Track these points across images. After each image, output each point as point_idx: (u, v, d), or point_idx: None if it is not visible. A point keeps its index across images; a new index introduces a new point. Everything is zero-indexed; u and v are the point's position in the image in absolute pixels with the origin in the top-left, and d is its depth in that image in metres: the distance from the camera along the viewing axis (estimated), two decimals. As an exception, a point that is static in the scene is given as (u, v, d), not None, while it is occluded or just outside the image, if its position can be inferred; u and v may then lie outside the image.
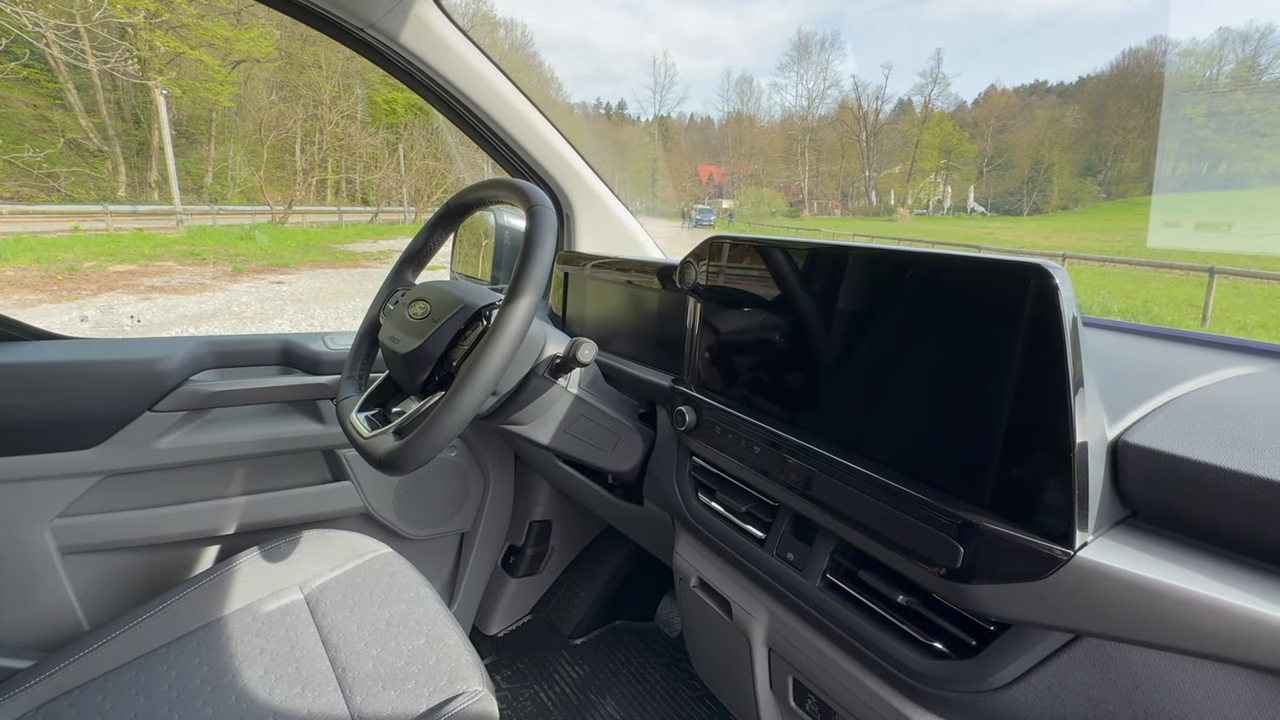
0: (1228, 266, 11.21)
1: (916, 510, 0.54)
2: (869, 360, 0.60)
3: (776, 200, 52.90)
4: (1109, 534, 0.47)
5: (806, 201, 55.14)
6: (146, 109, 20.58)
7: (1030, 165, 53.22)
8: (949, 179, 55.25)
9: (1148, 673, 0.45)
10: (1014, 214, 50.96)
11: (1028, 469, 0.47)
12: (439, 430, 0.68)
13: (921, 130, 57.23)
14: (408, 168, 26.90)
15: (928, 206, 54.21)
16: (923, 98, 59.89)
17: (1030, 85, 65.36)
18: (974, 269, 0.51)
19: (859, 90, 59.59)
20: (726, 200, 53.00)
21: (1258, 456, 0.44)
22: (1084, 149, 53.95)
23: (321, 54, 23.51)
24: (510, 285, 0.70)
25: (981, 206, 52.90)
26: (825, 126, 59.71)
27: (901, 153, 57.34)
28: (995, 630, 0.53)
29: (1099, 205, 50.13)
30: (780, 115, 64.01)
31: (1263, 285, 12.40)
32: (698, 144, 67.18)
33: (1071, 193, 52.30)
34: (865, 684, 0.62)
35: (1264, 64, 50.76)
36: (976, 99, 62.57)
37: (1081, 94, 58.87)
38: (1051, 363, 0.45)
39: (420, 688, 0.80)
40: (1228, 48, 53.33)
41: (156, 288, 9.75)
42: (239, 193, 22.68)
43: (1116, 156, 52.83)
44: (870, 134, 57.59)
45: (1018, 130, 56.66)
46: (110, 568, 1.12)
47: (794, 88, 62.71)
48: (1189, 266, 13.78)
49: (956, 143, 56.66)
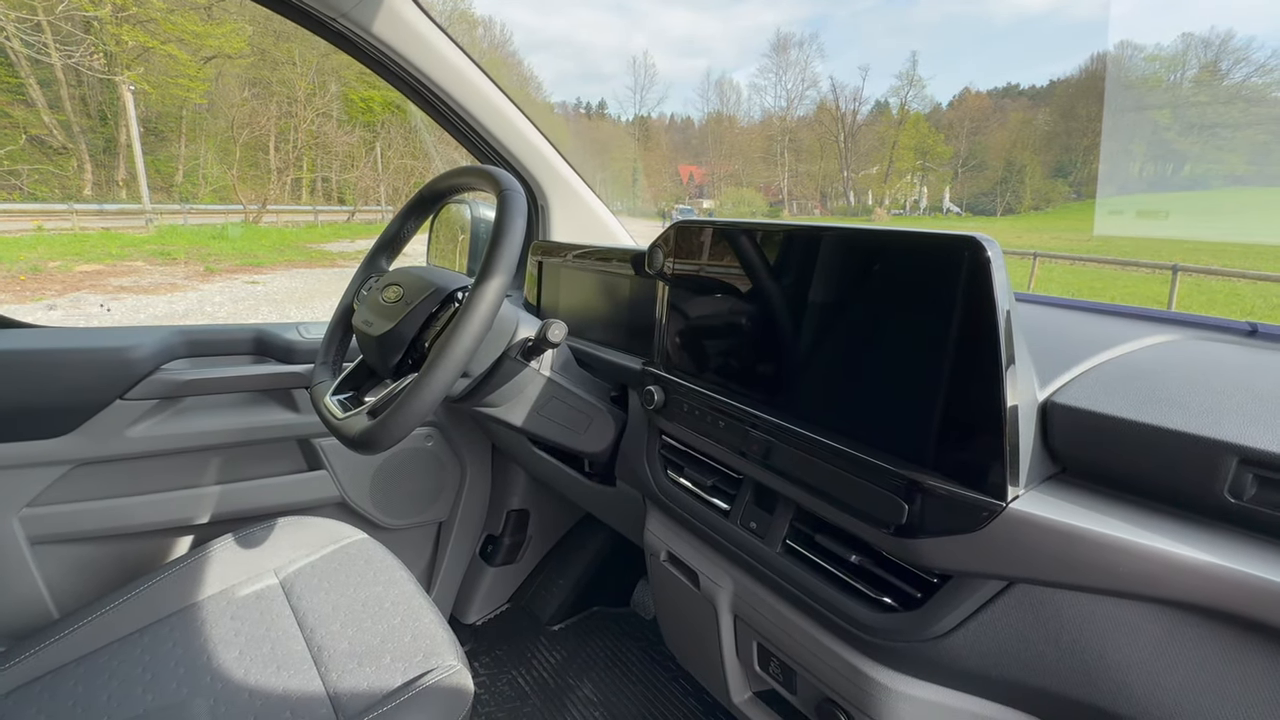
0: (1190, 265, 11.64)
1: (866, 473, 0.57)
2: (823, 334, 0.63)
3: (757, 200, 53.28)
4: (1039, 488, 0.51)
5: (786, 201, 55.62)
6: (114, 105, 20.04)
7: (1003, 166, 54.34)
8: (925, 179, 56.15)
9: (1072, 613, 0.49)
10: (988, 214, 51.95)
11: (965, 430, 0.51)
12: (411, 408, 0.70)
13: (898, 131, 58.05)
14: (385, 166, 26.58)
15: (905, 207, 55.02)
16: (899, 99, 60.79)
17: (1003, 88, 66.67)
18: (913, 243, 0.55)
19: (836, 91, 60.28)
20: (707, 200, 53.25)
21: (1171, 411, 0.48)
22: (1055, 150, 55.21)
23: (296, 50, 23.10)
24: (480, 267, 0.72)
25: (957, 207, 53.84)
26: (804, 127, 60.28)
27: (879, 153, 58.11)
28: (937, 583, 0.56)
29: (1069, 205, 51.32)
30: (760, 116, 64.50)
31: (1224, 283, 12.90)
32: (678, 144, 67.38)
33: (1043, 193, 53.48)
34: (822, 642, 0.65)
35: (1225, 69, 52.44)
36: (951, 101, 63.72)
37: (1052, 97, 60.25)
38: (985, 329, 0.49)
39: (395, 663, 0.82)
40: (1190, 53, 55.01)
41: (125, 288, 9.52)
42: (211, 191, 22.21)
43: (1086, 158, 54.16)
44: (848, 135, 58.27)
45: (991, 132, 57.77)
46: (81, 558, 1.11)
47: (773, 89, 63.22)
48: (1155, 265, 14.29)
49: (932, 144, 57.58)
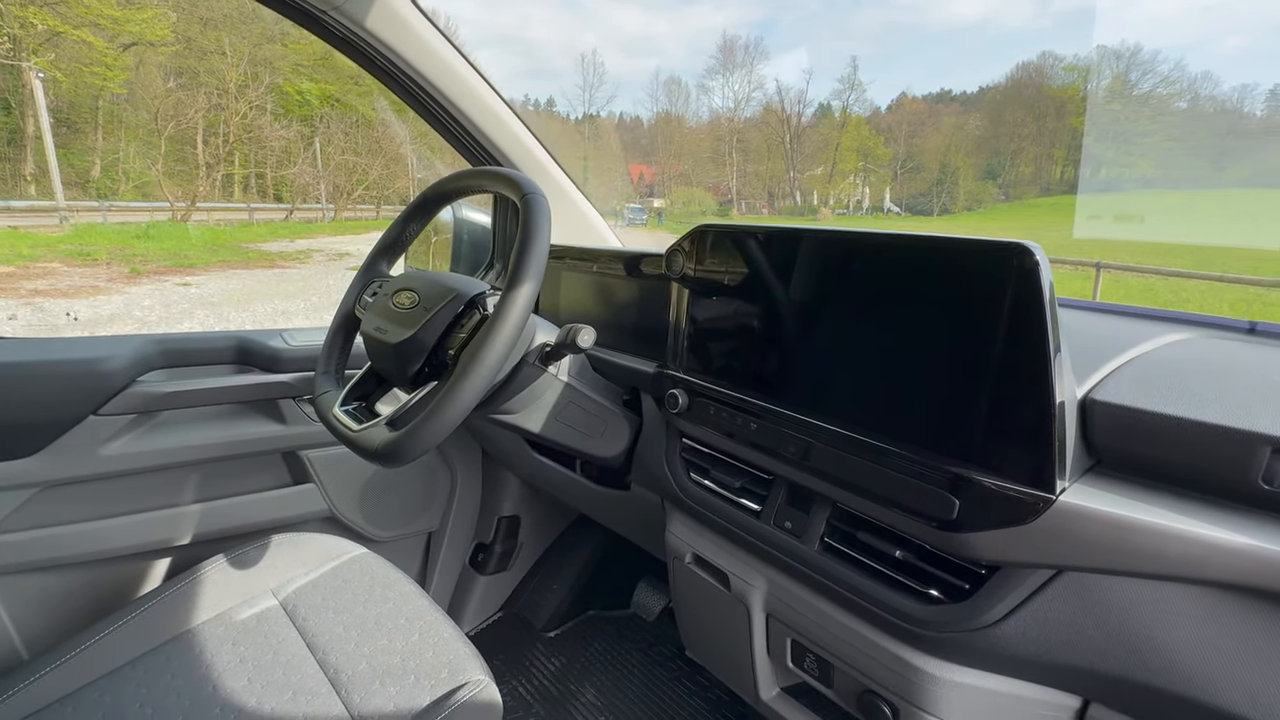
0: (1111, 262, 12.57)
1: (913, 470, 0.59)
2: (862, 337, 0.65)
3: (707, 200, 53.87)
4: (1081, 480, 0.54)
5: (735, 201, 56.49)
6: (19, 93, 18.48)
7: (939, 169, 56.89)
8: (867, 180, 58.08)
9: (1118, 598, 0.52)
10: (925, 214, 54.22)
11: (1015, 427, 0.53)
12: (442, 419, 0.68)
13: (840, 134, 59.86)
14: (325, 163, 25.49)
15: (849, 206, 56.75)
16: (841, 103, 62.66)
17: (937, 93, 69.69)
18: (959, 249, 0.57)
19: (782, 94, 61.68)
20: (658, 199, 53.50)
21: (1206, 406, 0.51)
22: (985, 154, 58.22)
23: (226, 39, 21.88)
24: (510, 273, 0.71)
25: (897, 207, 55.94)
26: (751, 128, 61.37)
27: (823, 155, 59.78)
28: (986, 573, 0.59)
29: (998, 206, 54.16)
30: (708, 116, 65.27)
31: (1140, 279, 13.99)
32: (628, 143, 67.43)
33: (975, 195, 56.28)
34: (865, 635, 0.67)
35: (1134, 79, 56.44)
36: (890, 105, 66.18)
37: (982, 103, 63.43)
38: (1035, 331, 0.51)
39: (421, 681, 0.79)
40: (1104, 64, 58.98)
41: (41, 291, 8.80)
42: (133, 187, 20.77)
43: (1013, 161, 57.36)
44: (793, 136, 59.67)
45: (927, 135, 60.30)
46: (51, 588, 1.03)
47: (720, 90, 64.08)
48: (1078, 262, 15.42)
49: (872, 146, 59.64)
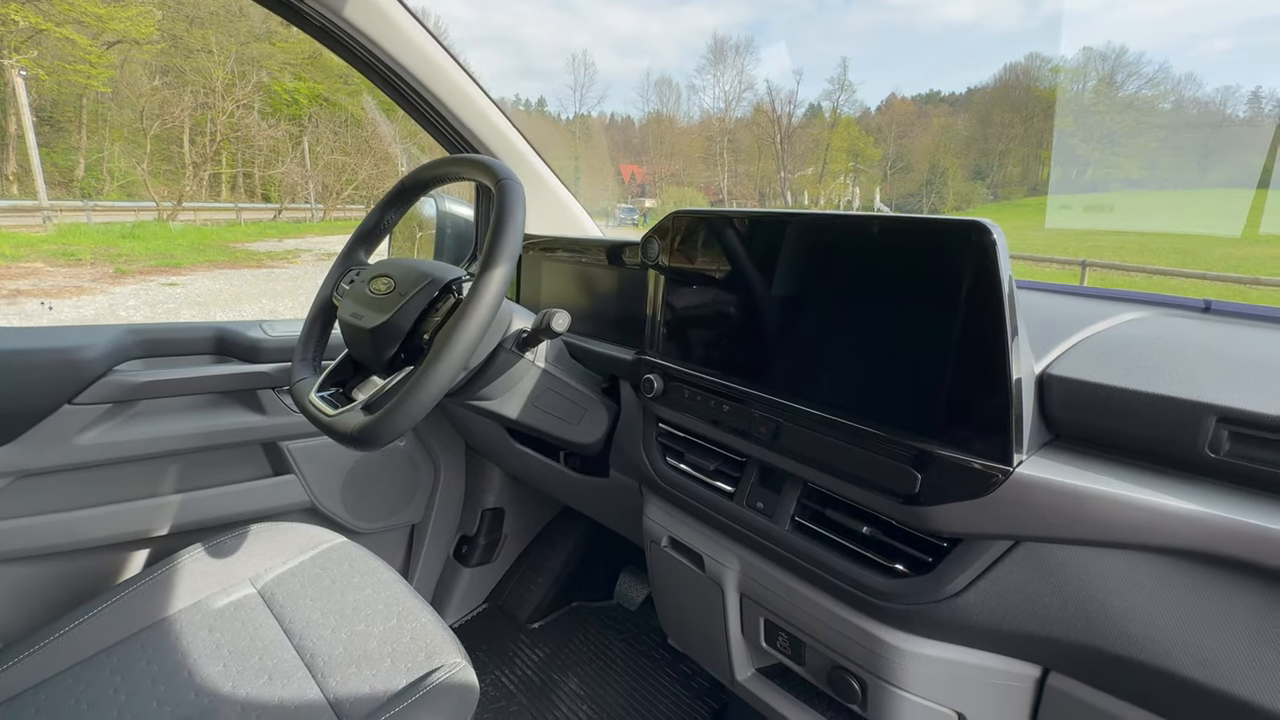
0: (1097, 260, 12.76)
1: (878, 447, 0.60)
2: (828, 317, 0.66)
3: (698, 200, 53.98)
4: (1038, 453, 0.55)
5: (726, 201, 56.65)
6: (1, 92, 18.26)
7: (928, 169, 57.37)
8: (857, 180, 58.48)
9: (1074, 566, 0.53)
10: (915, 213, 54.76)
11: (974, 401, 0.54)
12: (415, 402, 0.68)
13: (831, 134, 60.22)
14: (313, 162, 25.32)
15: (839, 206, 57.12)
16: (831, 103, 63.00)
17: (926, 94, 70.22)
18: (920, 228, 0.58)
19: (773, 94, 61.91)
20: (649, 199, 53.61)
21: (1155, 378, 0.53)
22: (973, 155, 58.77)
23: (212, 38, 21.68)
24: (484, 256, 0.71)
25: (887, 207, 56.35)
26: (742, 128, 61.58)
27: (813, 155, 60.12)
28: (947, 547, 0.60)
29: (987, 206, 54.67)
30: (699, 116, 65.42)
31: (1123, 276, 14.22)
32: (619, 143, 67.45)
33: (964, 195, 56.81)
34: (834, 611, 0.68)
35: (1119, 81, 57.14)
36: (880, 105, 66.63)
37: (971, 104, 64.01)
38: (992, 308, 0.52)
39: (397, 665, 0.80)
40: (1090, 65, 59.68)
41: (23, 291, 8.70)
42: (118, 187, 20.56)
43: (1001, 162, 57.96)
44: (784, 137, 59.91)
45: (916, 136, 60.79)
46: (26, 579, 1.02)
47: (712, 90, 64.25)
48: (1066, 260, 15.69)
49: (863, 146, 60.07)
